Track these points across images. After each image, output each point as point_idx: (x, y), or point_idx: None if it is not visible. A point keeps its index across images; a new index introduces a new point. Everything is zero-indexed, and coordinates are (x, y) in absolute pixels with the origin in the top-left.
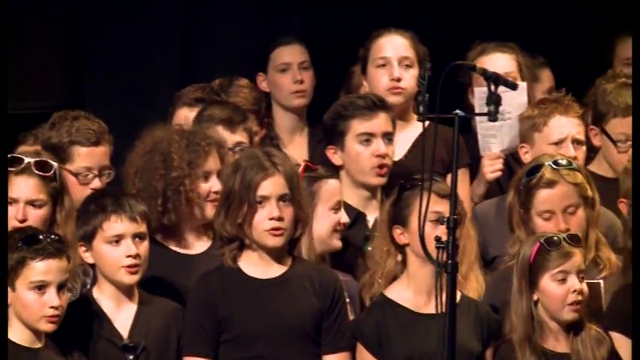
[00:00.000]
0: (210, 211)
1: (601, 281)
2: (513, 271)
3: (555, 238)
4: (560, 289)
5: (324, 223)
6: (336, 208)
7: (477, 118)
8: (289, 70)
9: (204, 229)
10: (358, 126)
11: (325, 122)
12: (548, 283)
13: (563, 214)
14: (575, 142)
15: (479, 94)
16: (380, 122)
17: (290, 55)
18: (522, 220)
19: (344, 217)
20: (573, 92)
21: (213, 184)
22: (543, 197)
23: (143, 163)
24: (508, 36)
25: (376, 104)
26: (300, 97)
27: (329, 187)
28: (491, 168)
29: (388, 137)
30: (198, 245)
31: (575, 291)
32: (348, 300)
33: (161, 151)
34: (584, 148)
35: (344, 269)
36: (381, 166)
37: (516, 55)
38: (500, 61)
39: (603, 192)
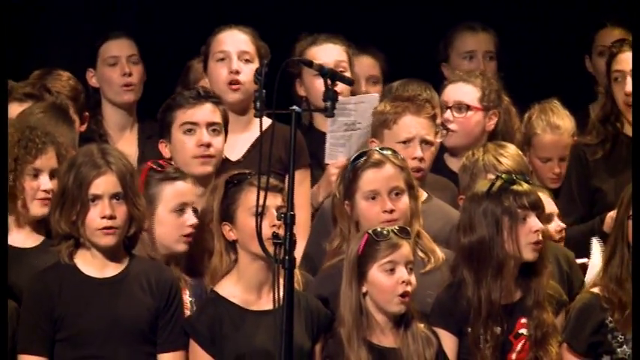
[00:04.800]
0: (35, 208)
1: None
2: (343, 265)
3: (384, 230)
4: (388, 280)
5: (165, 227)
6: (178, 210)
7: (329, 128)
8: (118, 64)
9: (37, 224)
10: (182, 116)
11: (157, 116)
12: (376, 273)
13: (388, 195)
14: (424, 142)
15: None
16: (204, 112)
17: (118, 48)
18: (346, 210)
19: (190, 219)
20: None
21: (42, 183)
22: (369, 177)
23: None
24: (340, 31)
25: (201, 95)
26: (129, 91)
27: (169, 189)
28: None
29: (214, 128)
30: (30, 240)
31: (404, 282)
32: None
33: None
34: (432, 149)
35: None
36: (204, 156)
37: (346, 47)
38: (332, 51)
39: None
